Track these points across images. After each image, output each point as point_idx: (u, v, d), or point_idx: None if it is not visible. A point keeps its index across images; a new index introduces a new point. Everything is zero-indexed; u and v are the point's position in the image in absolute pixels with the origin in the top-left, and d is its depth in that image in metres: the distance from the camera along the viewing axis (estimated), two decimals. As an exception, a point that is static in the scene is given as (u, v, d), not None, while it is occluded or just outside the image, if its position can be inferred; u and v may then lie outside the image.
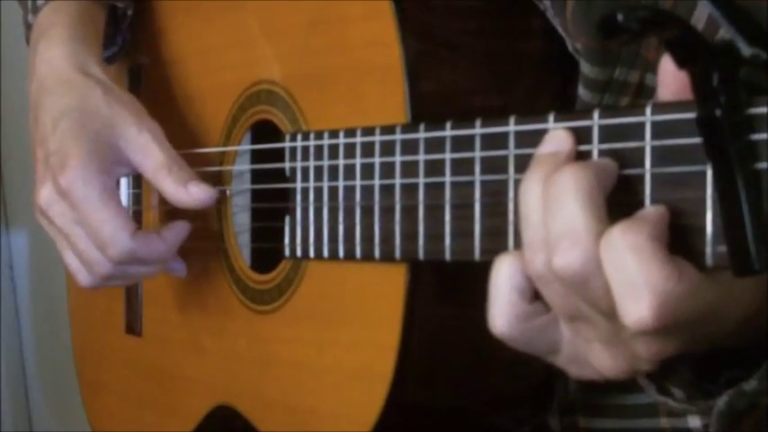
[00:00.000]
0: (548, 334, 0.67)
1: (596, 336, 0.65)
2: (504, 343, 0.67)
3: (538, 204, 0.63)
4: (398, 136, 0.79)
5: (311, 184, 0.88)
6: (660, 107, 0.60)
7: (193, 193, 0.97)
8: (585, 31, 0.79)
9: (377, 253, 0.81)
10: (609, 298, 0.59)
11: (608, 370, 0.66)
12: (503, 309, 0.66)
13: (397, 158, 0.79)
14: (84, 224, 0.96)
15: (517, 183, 0.68)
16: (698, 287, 0.58)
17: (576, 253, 0.60)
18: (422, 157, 0.77)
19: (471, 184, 0.72)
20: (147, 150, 0.98)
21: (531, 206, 0.63)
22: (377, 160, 0.81)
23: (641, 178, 0.61)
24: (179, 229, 1.00)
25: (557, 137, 0.65)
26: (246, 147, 1.00)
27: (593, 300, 0.61)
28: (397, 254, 0.79)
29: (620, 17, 0.53)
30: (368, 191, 0.82)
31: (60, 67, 1.02)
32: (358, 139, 0.83)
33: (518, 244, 0.69)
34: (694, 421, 0.84)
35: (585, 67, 0.79)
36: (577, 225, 0.60)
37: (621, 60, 0.78)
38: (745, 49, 0.54)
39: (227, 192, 1.02)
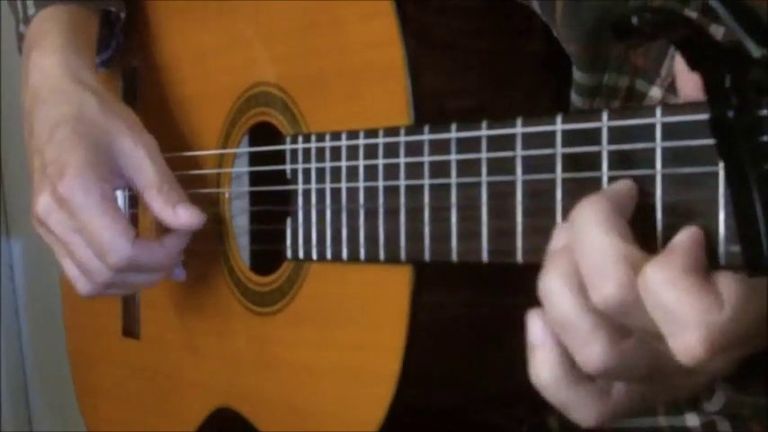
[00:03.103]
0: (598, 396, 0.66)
1: (642, 387, 0.65)
2: (504, 343, 0.67)
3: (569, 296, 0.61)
4: (402, 138, 0.79)
5: (313, 185, 0.88)
6: (670, 108, 0.60)
7: (180, 216, 0.97)
8: (574, 36, 0.78)
9: (382, 255, 0.81)
10: (654, 325, 0.59)
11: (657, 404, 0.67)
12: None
13: (402, 160, 0.79)
14: (83, 232, 0.96)
15: (524, 184, 0.69)
16: (741, 309, 0.58)
17: (612, 283, 0.59)
18: (427, 158, 0.76)
19: (478, 185, 0.72)
20: (140, 166, 0.98)
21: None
22: (380, 162, 0.81)
23: (652, 179, 0.61)
24: (180, 236, 1.00)
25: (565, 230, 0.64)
26: (247, 149, 1.00)
27: (639, 326, 0.61)
28: (403, 255, 0.79)
29: (634, 20, 0.53)
30: (371, 192, 0.82)
31: (53, 76, 1.01)
32: (361, 141, 0.83)
33: (526, 243, 0.69)
34: (692, 420, 0.84)
35: (576, 73, 0.79)
36: (606, 255, 0.59)
37: (610, 66, 0.78)
38: (755, 51, 0.55)
39: (226, 194, 1.02)
